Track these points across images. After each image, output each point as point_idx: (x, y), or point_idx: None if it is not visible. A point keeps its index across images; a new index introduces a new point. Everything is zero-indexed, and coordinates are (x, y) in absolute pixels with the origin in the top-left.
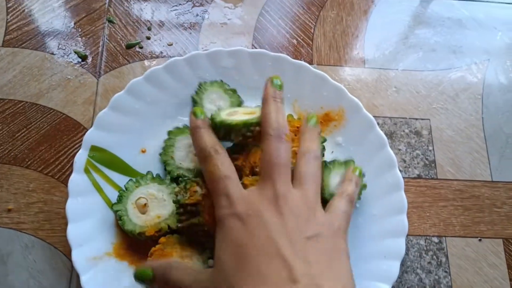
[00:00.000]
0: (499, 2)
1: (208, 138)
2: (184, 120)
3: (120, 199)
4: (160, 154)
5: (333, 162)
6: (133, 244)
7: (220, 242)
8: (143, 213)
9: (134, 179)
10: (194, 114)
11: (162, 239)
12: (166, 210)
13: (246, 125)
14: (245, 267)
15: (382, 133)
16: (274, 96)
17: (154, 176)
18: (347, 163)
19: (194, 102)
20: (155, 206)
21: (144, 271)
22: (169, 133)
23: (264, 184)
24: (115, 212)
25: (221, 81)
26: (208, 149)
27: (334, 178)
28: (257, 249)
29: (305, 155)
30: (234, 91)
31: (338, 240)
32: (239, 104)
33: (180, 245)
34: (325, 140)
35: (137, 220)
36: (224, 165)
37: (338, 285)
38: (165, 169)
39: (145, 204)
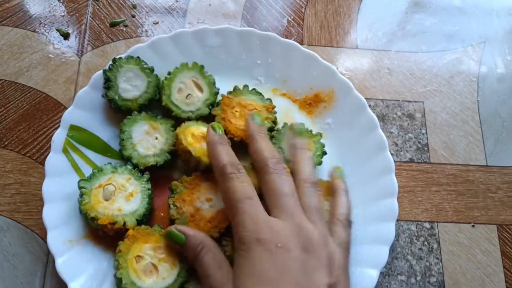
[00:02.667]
0: None
1: (227, 155)
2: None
3: (90, 177)
4: (120, 151)
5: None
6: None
7: (246, 268)
8: (107, 199)
9: (112, 164)
10: (212, 128)
11: (131, 232)
12: (130, 207)
13: None
14: None
15: (373, 114)
16: (260, 132)
17: (134, 170)
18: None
19: (107, 79)
20: (121, 198)
21: (178, 236)
22: (122, 126)
23: (284, 215)
24: (79, 188)
25: (138, 58)
26: (227, 167)
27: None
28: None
29: (305, 185)
30: (152, 70)
31: (348, 284)
32: (158, 84)
33: (152, 236)
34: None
35: (97, 205)
36: (245, 185)
37: None
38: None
39: (112, 193)
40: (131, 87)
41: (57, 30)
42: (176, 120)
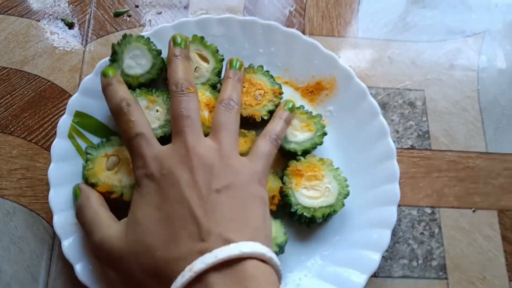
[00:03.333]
0: None
1: (120, 92)
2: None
3: (98, 145)
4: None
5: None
6: (117, 210)
7: (137, 202)
8: (110, 169)
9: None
10: (104, 75)
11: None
12: (130, 181)
13: None
14: (160, 230)
15: (374, 101)
16: (176, 54)
17: None
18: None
19: (114, 53)
20: (124, 171)
21: (76, 190)
22: None
23: (175, 139)
24: (86, 153)
25: (148, 38)
26: (118, 103)
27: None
28: (171, 211)
29: (221, 104)
30: (159, 52)
31: (252, 186)
32: (162, 67)
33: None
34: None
35: (100, 173)
36: (136, 120)
37: (246, 234)
38: None
39: (115, 164)
40: (136, 64)
41: (62, 19)
42: None
